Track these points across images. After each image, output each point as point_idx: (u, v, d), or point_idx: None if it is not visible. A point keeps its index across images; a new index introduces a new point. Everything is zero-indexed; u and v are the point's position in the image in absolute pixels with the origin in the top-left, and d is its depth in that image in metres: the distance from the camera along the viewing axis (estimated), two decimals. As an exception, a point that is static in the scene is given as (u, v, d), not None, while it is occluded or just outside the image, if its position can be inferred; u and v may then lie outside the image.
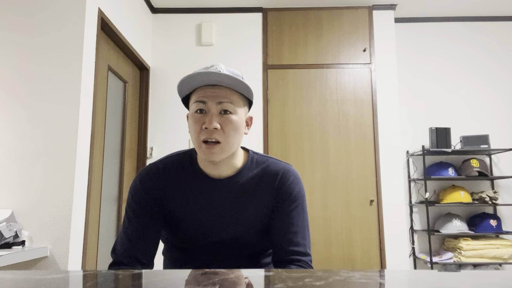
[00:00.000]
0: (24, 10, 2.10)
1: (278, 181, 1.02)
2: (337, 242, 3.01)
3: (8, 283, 0.54)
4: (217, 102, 0.94)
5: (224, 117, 0.95)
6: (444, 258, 3.04)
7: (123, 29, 2.67)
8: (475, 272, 0.62)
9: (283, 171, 1.04)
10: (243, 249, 1.04)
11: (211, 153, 0.94)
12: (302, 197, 1.04)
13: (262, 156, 1.07)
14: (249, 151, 1.08)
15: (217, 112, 0.95)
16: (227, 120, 0.95)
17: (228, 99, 0.95)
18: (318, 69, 3.25)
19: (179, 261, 1.08)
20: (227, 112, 0.95)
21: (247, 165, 1.03)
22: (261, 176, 1.03)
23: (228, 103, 0.95)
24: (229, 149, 0.96)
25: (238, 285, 0.54)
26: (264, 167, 1.04)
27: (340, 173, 3.10)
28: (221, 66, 0.98)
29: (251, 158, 1.05)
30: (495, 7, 3.40)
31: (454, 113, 3.46)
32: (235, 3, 3.28)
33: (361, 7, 3.32)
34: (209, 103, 0.95)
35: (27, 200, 1.95)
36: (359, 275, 0.59)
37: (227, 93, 0.95)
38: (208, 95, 0.95)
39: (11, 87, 2.04)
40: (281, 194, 1.02)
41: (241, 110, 0.98)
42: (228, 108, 0.95)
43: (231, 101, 0.95)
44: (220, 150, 0.94)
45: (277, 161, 1.06)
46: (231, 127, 0.95)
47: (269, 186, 1.02)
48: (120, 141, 2.81)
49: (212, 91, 0.95)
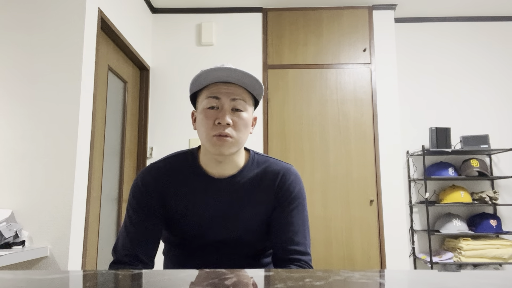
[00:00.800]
0: (24, 10, 2.10)
1: (279, 180, 1.03)
2: (337, 242, 3.01)
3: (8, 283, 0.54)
4: (231, 99, 0.97)
5: (236, 114, 0.97)
6: (444, 258, 3.04)
7: (123, 29, 2.67)
8: (475, 272, 0.62)
9: (284, 171, 1.05)
10: (243, 249, 1.04)
11: (222, 145, 0.95)
12: (302, 197, 1.04)
13: (263, 156, 1.08)
14: (250, 151, 1.08)
15: (229, 108, 0.97)
16: (239, 116, 0.97)
17: (241, 96, 0.98)
18: (318, 69, 3.24)
19: (180, 261, 1.08)
20: (239, 110, 0.98)
21: (248, 165, 1.04)
22: (262, 175, 1.03)
23: (241, 101, 0.98)
24: (238, 144, 0.98)
25: (238, 285, 0.54)
26: (265, 167, 1.05)
27: (340, 173, 3.10)
28: (230, 65, 0.99)
29: (252, 158, 1.06)
30: (495, 7, 3.40)
31: (454, 113, 3.46)
32: (235, 3, 3.28)
33: (361, 7, 3.32)
34: (223, 99, 0.97)
35: (27, 200, 1.95)
36: (359, 275, 0.59)
37: (240, 91, 0.98)
38: (222, 91, 0.97)
39: (11, 87, 2.04)
40: (282, 194, 1.02)
41: (250, 109, 1.01)
42: (241, 105, 0.98)
43: (244, 99, 0.98)
44: (231, 144, 0.96)
45: (278, 161, 1.07)
46: (242, 123, 0.97)
47: (270, 186, 1.03)
48: (120, 141, 2.81)
49: (225, 88, 0.97)
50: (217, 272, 0.62)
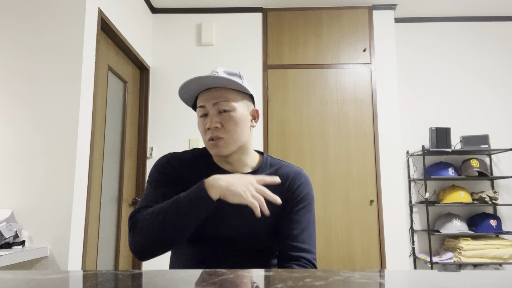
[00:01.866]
0: (24, 10, 2.10)
1: (289, 182, 1.08)
2: (337, 242, 3.01)
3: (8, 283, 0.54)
4: (213, 103, 1.03)
5: (223, 115, 1.03)
6: (444, 258, 3.04)
7: (123, 29, 2.67)
8: (475, 272, 0.62)
9: (294, 173, 1.10)
10: (251, 247, 1.06)
11: (216, 147, 1.03)
12: (311, 199, 1.09)
13: (276, 160, 1.15)
14: (263, 154, 1.15)
15: (216, 112, 1.03)
16: (226, 117, 1.03)
17: (223, 98, 1.03)
18: (318, 69, 3.25)
19: (187, 256, 1.08)
20: (226, 110, 1.03)
21: (261, 166, 1.11)
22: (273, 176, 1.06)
23: (223, 102, 1.03)
24: (233, 142, 1.03)
25: (238, 286, 0.54)
26: (276, 168, 1.11)
27: (340, 173, 3.10)
28: (219, 69, 1.06)
29: (265, 160, 1.13)
30: (495, 7, 3.40)
31: (454, 113, 3.46)
32: (235, 3, 3.28)
33: (361, 7, 3.32)
34: (207, 106, 1.04)
35: (27, 200, 1.95)
36: (359, 275, 0.59)
37: (222, 93, 1.04)
38: (205, 98, 1.04)
39: (11, 87, 2.04)
40: (291, 195, 1.07)
41: (240, 105, 1.06)
42: (225, 106, 1.03)
43: (226, 99, 1.03)
44: (224, 144, 1.02)
45: (289, 165, 1.14)
46: (231, 123, 1.03)
47: (280, 187, 1.07)
48: (120, 141, 2.81)
49: (208, 95, 1.04)
50: (217, 272, 0.62)
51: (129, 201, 2.92)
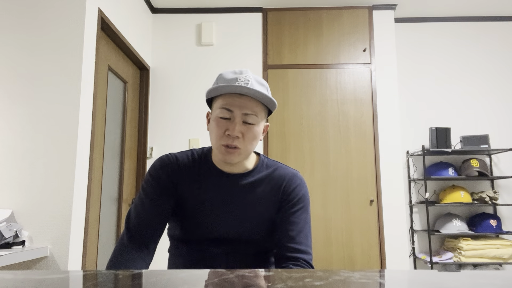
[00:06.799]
0: (24, 10, 2.10)
1: (285, 184, 1.08)
2: (337, 242, 3.01)
3: (8, 283, 0.54)
4: (243, 113, 1.00)
5: (246, 126, 1.01)
6: (444, 258, 3.04)
7: (123, 29, 2.67)
8: (475, 272, 0.62)
9: (290, 175, 1.10)
10: (248, 247, 1.07)
11: (229, 156, 1.01)
12: (306, 201, 1.10)
13: (272, 161, 1.14)
14: (260, 155, 1.14)
15: (241, 121, 1.00)
16: (249, 129, 1.01)
17: (253, 111, 1.00)
18: (318, 69, 3.25)
19: (185, 257, 1.09)
20: (250, 123, 1.01)
21: (257, 167, 1.10)
22: (270, 177, 1.09)
23: (252, 116, 1.00)
24: (246, 154, 1.04)
25: (238, 286, 0.54)
26: (273, 170, 1.11)
27: (340, 173, 3.10)
28: (249, 74, 1.02)
29: (261, 161, 1.12)
30: (495, 7, 3.40)
31: (454, 113, 3.46)
32: (235, 3, 3.28)
33: (361, 7, 3.32)
34: (235, 112, 1.00)
35: (27, 200, 1.95)
36: (359, 275, 0.59)
37: (253, 104, 1.00)
38: (235, 104, 0.99)
39: (11, 87, 2.04)
40: (287, 197, 1.07)
41: (262, 122, 1.05)
42: (252, 120, 1.01)
43: (255, 113, 1.01)
44: (238, 154, 1.02)
45: (285, 166, 1.13)
46: (251, 136, 1.01)
47: (276, 188, 1.08)
48: (120, 141, 2.81)
49: (239, 101, 0.99)
50: (217, 272, 0.62)
51: (129, 201, 2.92)
